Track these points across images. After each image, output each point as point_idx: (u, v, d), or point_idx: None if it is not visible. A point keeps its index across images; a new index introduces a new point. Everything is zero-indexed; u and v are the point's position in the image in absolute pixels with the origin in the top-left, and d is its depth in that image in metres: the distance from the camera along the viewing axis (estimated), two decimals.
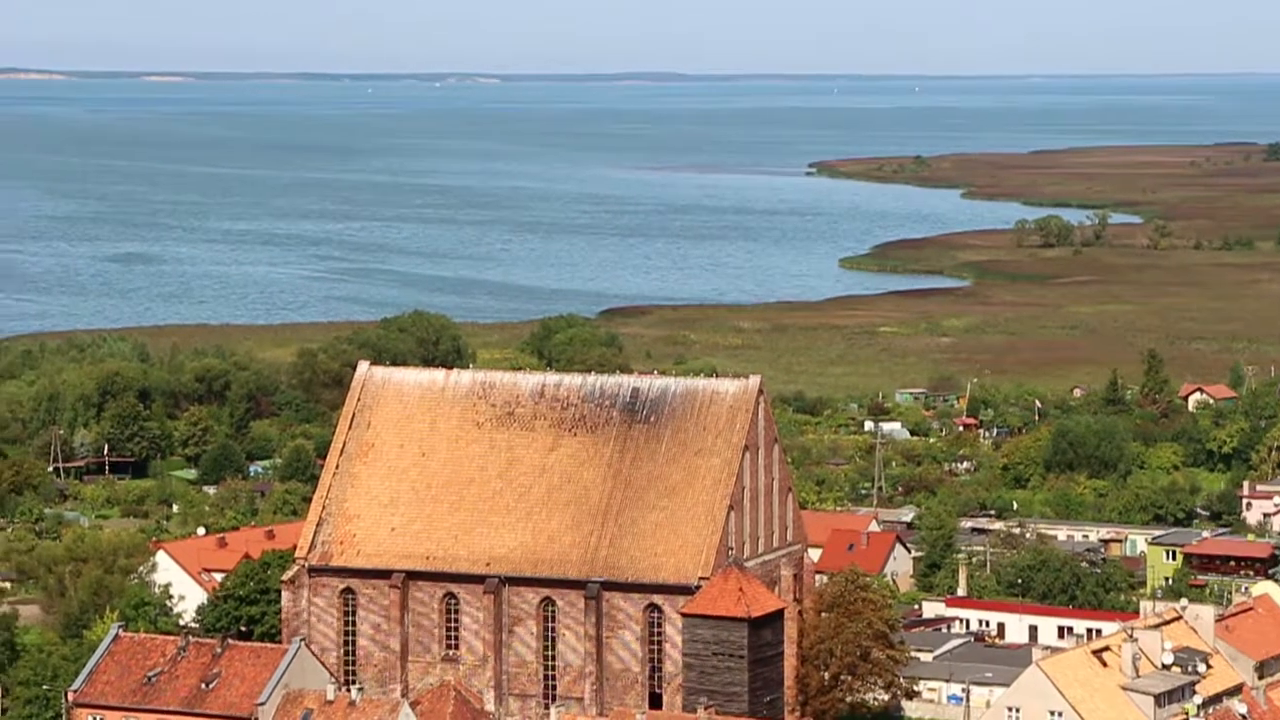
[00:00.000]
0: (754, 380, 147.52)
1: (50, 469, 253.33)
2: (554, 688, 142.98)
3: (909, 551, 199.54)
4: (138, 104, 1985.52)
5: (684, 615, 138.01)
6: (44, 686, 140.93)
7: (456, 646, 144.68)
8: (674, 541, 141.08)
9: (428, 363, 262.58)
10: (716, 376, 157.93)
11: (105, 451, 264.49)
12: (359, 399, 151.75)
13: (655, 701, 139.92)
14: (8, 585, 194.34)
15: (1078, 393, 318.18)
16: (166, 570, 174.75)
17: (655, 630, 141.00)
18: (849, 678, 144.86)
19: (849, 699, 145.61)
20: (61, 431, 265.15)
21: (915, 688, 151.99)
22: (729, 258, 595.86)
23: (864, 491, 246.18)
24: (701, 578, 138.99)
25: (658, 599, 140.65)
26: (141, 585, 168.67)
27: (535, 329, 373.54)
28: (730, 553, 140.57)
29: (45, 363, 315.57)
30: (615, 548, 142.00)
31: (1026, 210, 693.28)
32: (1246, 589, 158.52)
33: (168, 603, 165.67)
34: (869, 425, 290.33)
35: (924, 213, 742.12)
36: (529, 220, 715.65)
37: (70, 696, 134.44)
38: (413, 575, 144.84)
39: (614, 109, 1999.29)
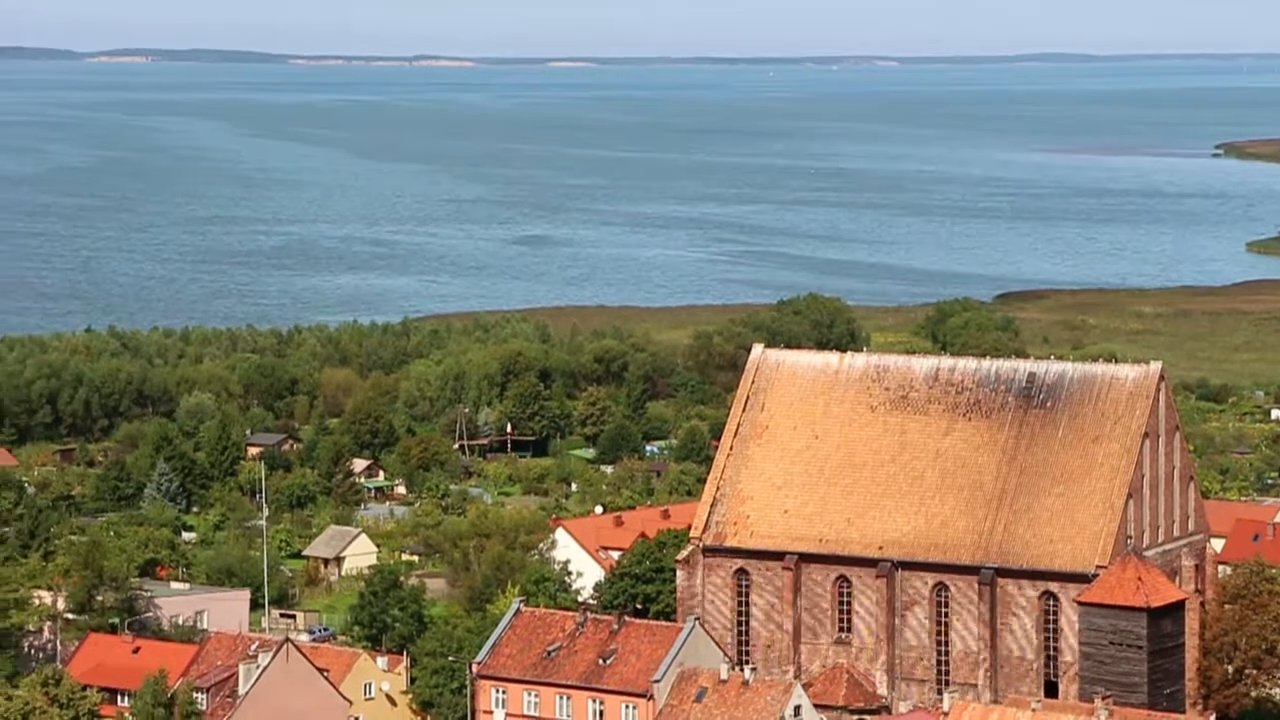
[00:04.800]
0: (1155, 366, 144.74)
1: (456, 446, 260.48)
2: (947, 673, 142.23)
3: None
4: (542, 89, 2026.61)
5: (1080, 604, 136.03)
6: (449, 658, 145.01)
7: (849, 629, 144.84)
8: (1070, 529, 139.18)
9: (822, 346, 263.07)
10: (1116, 362, 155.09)
11: (507, 430, 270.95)
12: (753, 381, 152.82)
13: (1051, 690, 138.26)
14: (416, 559, 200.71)
15: None
16: (565, 547, 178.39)
17: (1051, 618, 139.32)
18: (1254, 672, 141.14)
19: (1254, 694, 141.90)
20: (466, 410, 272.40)
21: None
22: (1131, 241, 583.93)
23: (1270, 481, 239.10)
24: (1099, 566, 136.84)
25: (1053, 586, 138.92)
26: (542, 561, 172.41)
27: (930, 312, 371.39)
28: (1129, 541, 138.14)
29: (452, 342, 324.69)
30: (1010, 534, 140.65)
31: None
32: None
33: (566, 579, 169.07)
34: (1276, 413, 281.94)
35: None
36: (927, 203, 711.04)
37: (475, 668, 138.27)
38: (805, 557, 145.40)
39: (1014, 90, 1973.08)
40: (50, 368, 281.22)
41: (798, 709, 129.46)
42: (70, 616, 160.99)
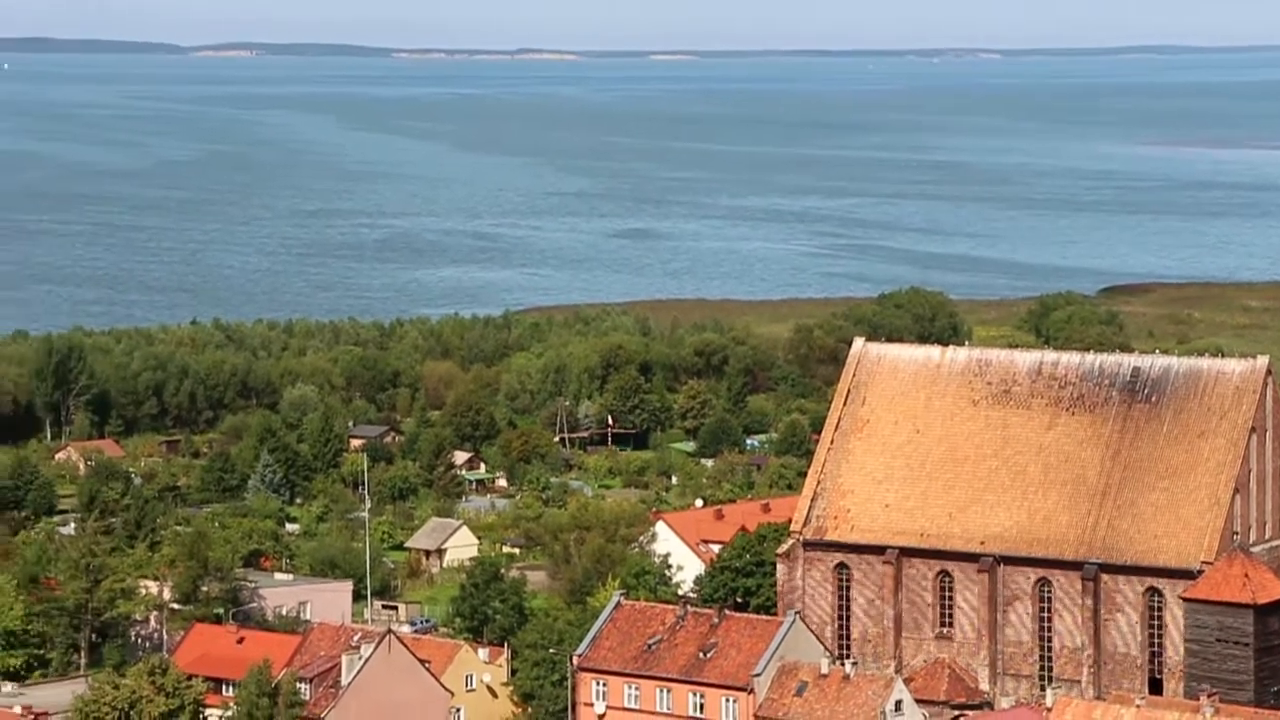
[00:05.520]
0: (1262, 361, 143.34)
1: (556, 439, 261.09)
2: (1050, 669, 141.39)
3: None
4: (641, 82, 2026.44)
5: (1185, 600, 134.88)
6: (550, 650, 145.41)
7: (950, 624, 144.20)
8: (1175, 524, 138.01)
9: (924, 339, 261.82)
10: (1222, 356, 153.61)
11: (608, 423, 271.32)
12: (854, 375, 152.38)
13: (1155, 687, 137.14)
14: (517, 551, 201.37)
15: None
16: (665, 540, 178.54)
17: (1155, 614, 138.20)
18: None
19: None
20: (567, 403, 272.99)
21: None
22: (1239, 235, 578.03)
23: None
24: (1204, 562, 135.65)
25: (1157, 582, 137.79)
26: (642, 554, 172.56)
27: (1033, 306, 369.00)
28: (1235, 537, 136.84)
29: (553, 335, 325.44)
30: (1113, 529, 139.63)
31: None
32: None
33: (667, 572, 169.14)
34: None
35: None
36: (1030, 196, 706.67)
37: (575, 661, 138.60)
38: (906, 552, 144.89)
39: (1118, 83, 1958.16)
40: (156, 360, 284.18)
41: (899, 704, 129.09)
42: (176, 606, 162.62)
